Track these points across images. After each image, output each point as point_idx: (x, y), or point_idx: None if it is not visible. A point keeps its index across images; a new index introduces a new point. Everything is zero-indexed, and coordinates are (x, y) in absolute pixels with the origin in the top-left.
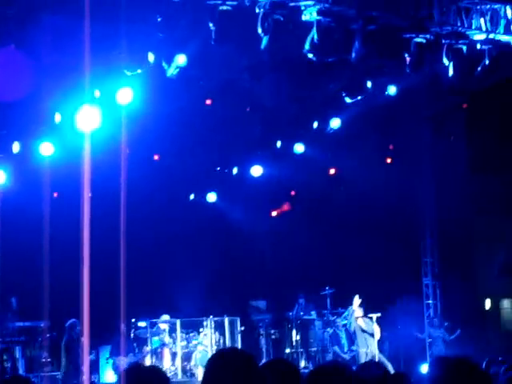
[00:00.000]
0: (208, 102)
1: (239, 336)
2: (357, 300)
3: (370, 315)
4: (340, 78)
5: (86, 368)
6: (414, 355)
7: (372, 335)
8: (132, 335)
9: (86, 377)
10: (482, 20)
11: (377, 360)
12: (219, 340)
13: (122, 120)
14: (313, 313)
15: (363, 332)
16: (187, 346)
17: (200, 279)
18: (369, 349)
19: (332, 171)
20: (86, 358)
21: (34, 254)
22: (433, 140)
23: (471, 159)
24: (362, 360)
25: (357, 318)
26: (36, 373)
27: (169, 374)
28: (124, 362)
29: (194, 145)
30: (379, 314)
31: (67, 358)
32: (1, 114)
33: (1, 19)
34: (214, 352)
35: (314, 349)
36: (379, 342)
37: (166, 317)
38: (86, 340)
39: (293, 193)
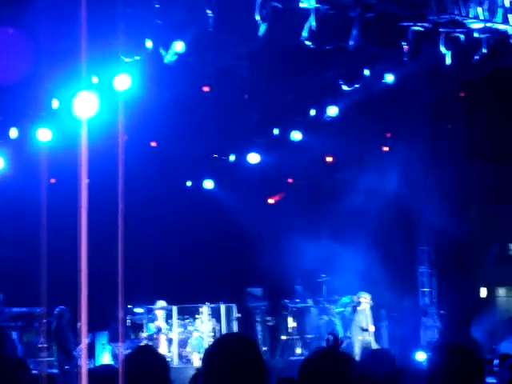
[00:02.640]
0: (206, 88)
1: (235, 323)
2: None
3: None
4: (337, 66)
5: (84, 353)
6: (409, 343)
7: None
8: (128, 321)
9: (83, 362)
10: (479, 9)
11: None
12: (215, 327)
13: (119, 106)
14: (309, 300)
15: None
16: (183, 333)
17: (196, 265)
18: (363, 336)
19: (329, 159)
20: (84, 344)
21: (30, 240)
22: (430, 128)
23: (468, 147)
24: (356, 347)
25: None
26: (33, 358)
27: None
28: (122, 348)
29: (192, 131)
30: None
31: (57, 344)
32: None
33: None
34: (213, 339)
35: (310, 336)
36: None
37: (162, 303)
38: (83, 326)
39: (290, 180)
